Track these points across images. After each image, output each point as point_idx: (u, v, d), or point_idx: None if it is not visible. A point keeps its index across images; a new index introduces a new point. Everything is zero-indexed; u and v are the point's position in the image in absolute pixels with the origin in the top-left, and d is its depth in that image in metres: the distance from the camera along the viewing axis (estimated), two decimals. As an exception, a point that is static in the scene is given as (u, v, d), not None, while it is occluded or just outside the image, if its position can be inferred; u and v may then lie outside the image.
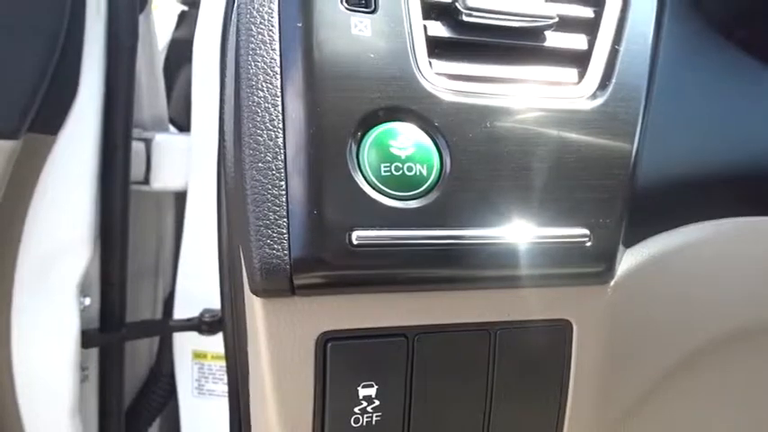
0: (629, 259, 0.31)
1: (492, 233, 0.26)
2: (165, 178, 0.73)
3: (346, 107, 0.25)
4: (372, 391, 0.26)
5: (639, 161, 0.30)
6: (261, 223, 0.24)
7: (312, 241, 0.24)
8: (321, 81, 0.25)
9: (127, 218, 0.68)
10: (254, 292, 0.24)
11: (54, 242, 0.60)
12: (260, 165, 0.24)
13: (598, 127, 0.29)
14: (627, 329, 0.30)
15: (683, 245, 0.32)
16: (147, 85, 0.72)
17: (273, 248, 0.24)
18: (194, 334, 0.73)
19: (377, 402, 0.26)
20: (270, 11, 0.26)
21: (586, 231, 0.28)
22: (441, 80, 0.28)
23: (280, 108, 0.25)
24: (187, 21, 0.80)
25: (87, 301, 0.65)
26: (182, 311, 0.74)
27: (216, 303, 0.72)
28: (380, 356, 0.26)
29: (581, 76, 0.31)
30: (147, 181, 0.73)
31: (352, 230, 0.24)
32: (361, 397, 0.26)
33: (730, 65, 0.36)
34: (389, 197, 0.25)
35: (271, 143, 0.24)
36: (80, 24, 0.58)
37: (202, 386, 0.76)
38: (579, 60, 0.31)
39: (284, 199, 0.24)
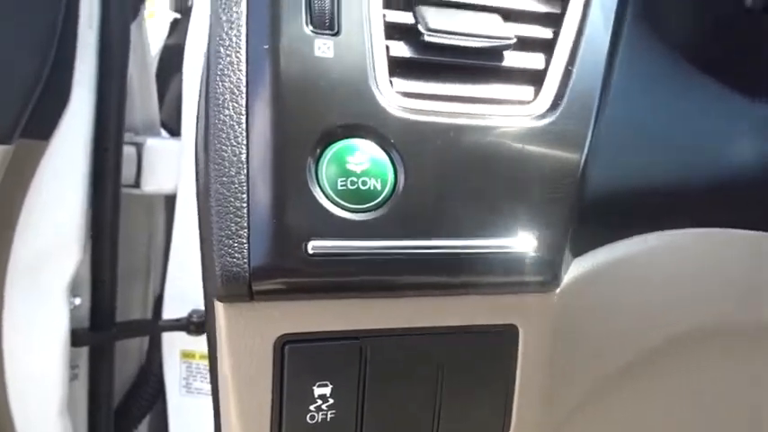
0: (576, 268, 0.33)
1: (441, 243, 0.28)
2: (155, 181, 0.75)
3: (306, 125, 0.27)
4: (327, 391, 0.28)
5: (588, 176, 0.32)
6: (223, 234, 0.26)
7: (270, 251, 0.26)
8: (283, 101, 0.27)
9: (117, 220, 0.70)
10: (217, 297, 0.26)
11: (45, 244, 0.62)
12: (224, 179, 0.26)
13: (547, 144, 0.31)
14: (572, 334, 0.32)
15: (628, 255, 0.34)
16: (139, 90, 0.74)
17: (234, 257, 0.25)
18: (183, 334, 0.74)
19: (331, 401, 0.28)
20: (238, 33, 0.28)
21: (533, 242, 0.30)
22: (400, 99, 0.30)
23: (244, 126, 0.27)
24: (179, 28, 0.82)
25: (78, 300, 0.67)
26: (171, 312, 0.76)
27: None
28: (335, 358, 0.28)
29: (536, 94, 0.33)
30: (138, 184, 0.75)
31: (309, 241, 0.26)
32: (316, 396, 0.28)
33: (682, 82, 0.38)
34: (345, 210, 0.27)
35: (234, 158, 0.26)
36: (73, 35, 0.60)
37: (190, 385, 0.78)
38: (535, 79, 0.33)
39: (245, 211, 0.26)
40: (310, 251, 0.26)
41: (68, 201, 0.63)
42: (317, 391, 0.28)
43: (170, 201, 0.78)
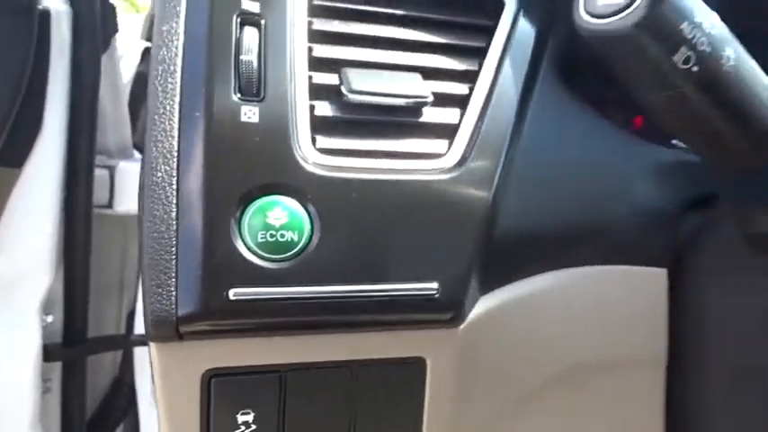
0: (483, 304, 0.36)
1: (353, 288, 0.32)
2: (127, 202, 0.79)
3: (230, 186, 0.31)
4: (250, 418, 0.32)
5: (495, 221, 0.36)
6: (153, 283, 0.29)
7: (195, 299, 0.29)
8: (210, 164, 0.31)
9: (89, 241, 0.73)
10: (148, 338, 0.30)
11: (19, 266, 0.65)
12: (155, 234, 0.30)
13: (454, 194, 0.35)
14: (478, 364, 0.36)
15: (532, 291, 0.38)
16: (112, 116, 0.78)
17: (162, 304, 0.29)
18: (153, 348, 0.78)
19: (254, 427, 0.32)
20: (172, 103, 0.32)
21: (435, 285, 0.33)
22: (320, 156, 0.34)
23: (175, 187, 0.30)
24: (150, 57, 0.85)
25: (50, 318, 0.71)
26: (143, 327, 0.79)
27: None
28: (257, 389, 0.31)
29: (449, 147, 0.37)
30: (110, 205, 0.79)
31: (230, 288, 0.30)
32: (239, 422, 0.31)
33: (589, 129, 0.42)
34: (264, 260, 0.31)
35: (165, 216, 0.30)
36: (44, 66, 0.64)
37: (161, 397, 0.81)
38: (450, 133, 0.37)
39: (174, 263, 0.30)
40: (232, 298, 0.30)
41: (41, 225, 0.67)
42: (241, 418, 0.31)
43: (142, 220, 0.81)
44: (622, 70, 0.27)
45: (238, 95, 0.32)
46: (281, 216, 0.31)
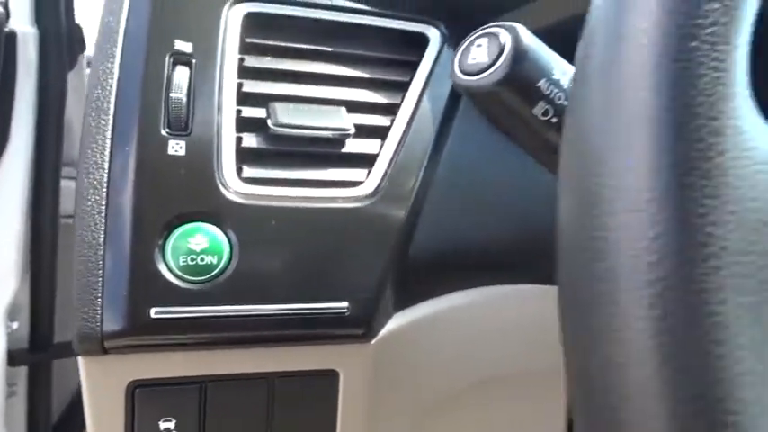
0: (396, 320, 0.40)
1: (269, 307, 0.35)
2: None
3: (155, 215, 0.34)
4: (171, 425, 0.35)
5: (408, 245, 0.39)
6: (80, 303, 0.32)
7: (118, 317, 0.33)
8: (136, 194, 0.34)
9: (56, 250, 0.76)
10: (76, 352, 0.33)
11: (-17, 275, 0.68)
12: (82, 258, 0.33)
13: (368, 220, 0.38)
14: (390, 378, 0.39)
15: (445, 309, 0.41)
16: (78, 130, 0.81)
17: (89, 322, 0.32)
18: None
19: (176, 432, 0.35)
20: (103, 138, 0.35)
21: (345, 304, 0.37)
22: (244, 185, 0.37)
23: (103, 215, 0.34)
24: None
25: (15, 324, 0.74)
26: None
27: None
28: (178, 399, 0.35)
29: (368, 175, 0.40)
30: (78, 215, 0.81)
31: (152, 307, 0.33)
32: (162, 429, 0.34)
33: (510, 150, 0.45)
34: (185, 281, 0.34)
35: (93, 242, 0.33)
36: (11, 83, 0.67)
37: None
38: (369, 163, 0.40)
39: (100, 284, 0.33)
40: (153, 316, 0.33)
41: (8, 233, 0.69)
42: (163, 425, 0.34)
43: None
44: (495, 120, 0.31)
45: (167, 130, 0.35)
46: (202, 241, 0.34)
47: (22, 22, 0.66)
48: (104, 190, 0.34)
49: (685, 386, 0.13)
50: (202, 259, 0.34)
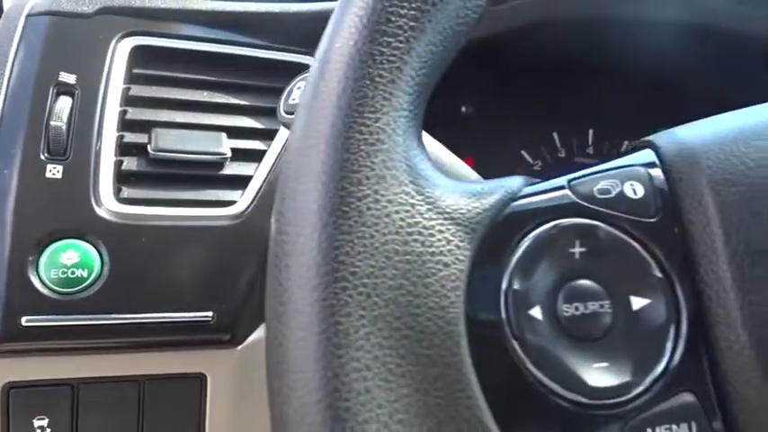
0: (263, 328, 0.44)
1: (136, 316, 0.39)
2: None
3: (29, 232, 0.37)
4: (45, 422, 0.38)
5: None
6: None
7: (-8, 324, 0.36)
8: (13, 213, 0.37)
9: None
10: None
11: None
12: (-38, 271, 0.36)
13: (236, 237, 0.42)
14: (255, 383, 0.43)
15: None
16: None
17: (-35, 328, 0.36)
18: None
19: (49, 430, 0.38)
20: (-15, 161, 0.38)
21: (210, 314, 0.40)
22: (121, 206, 0.40)
23: (-18, 232, 0.37)
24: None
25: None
26: None
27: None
28: (51, 399, 0.38)
29: (242, 195, 0.44)
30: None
31: (23, 316, 0.37)
32: (36, 426, 0.38)
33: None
34: (56, 293, 0.37)
35: (-30, 256, 0.37)
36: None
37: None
38: (245, 184, 0.44)
39: (-23, 295, 0.36)
40: (24, 324, 0.36)
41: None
42: (37, 422, 0.38)
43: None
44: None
45: (46, 155, 0.39)
46: (73, 256, 0.38)
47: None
48: (-16, 210, 0.37)
49: (311, 380, 0.17)
50: (73, 273, 0.38)
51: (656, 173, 0.23)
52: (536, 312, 0.20)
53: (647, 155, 0.24)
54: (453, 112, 0.57)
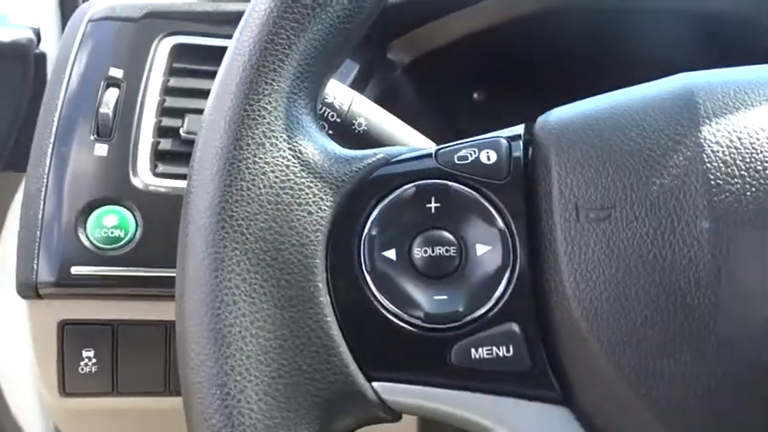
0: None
1: (165, 270, 0.47)
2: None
3: (79, 198, 0.46)
4: (91, 353, 0.47)
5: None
6: (21, 260, 0.45)
7: (48, 271, 0.45)
8: (67, 183, 0.46)
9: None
10: (20, 296, 0.46)
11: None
12: (24, 230, 0.46)
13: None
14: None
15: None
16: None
17: (27, 274, 0.45)
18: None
19: (94, 360, 0.47)
20: (48, 141, 0.48)
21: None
22: (157, 179, 0.48)
23: (42, 197, 0.46)
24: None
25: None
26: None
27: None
28: (96, 335, 0.47)
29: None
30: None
31: (72, 266, 0.45)
32: (84, 356, 0.47)
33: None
34: (99, 249, 0.46)
35: (33, 217, 0.46)
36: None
37: None
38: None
39: (36, 246, 0.45)
40: (73, 272, 0.45)
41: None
42: (85, 353, 0.47)
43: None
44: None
45: (95, 136, 0.48)
46: (113, 220, 0.47)
47: (52, 45, 0.81)
48: (44, 178, 0.47)
49: (195, 291, 0.23)
50: (112, 233, 0.46)
51: (517, 143, 0.27)
52: (390, 254, 0.25)
53: (518, 129, 0.28)
54: (466, 99, 0.61)
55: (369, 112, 0.39)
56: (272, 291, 0.24)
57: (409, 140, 0.39)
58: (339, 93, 0.39)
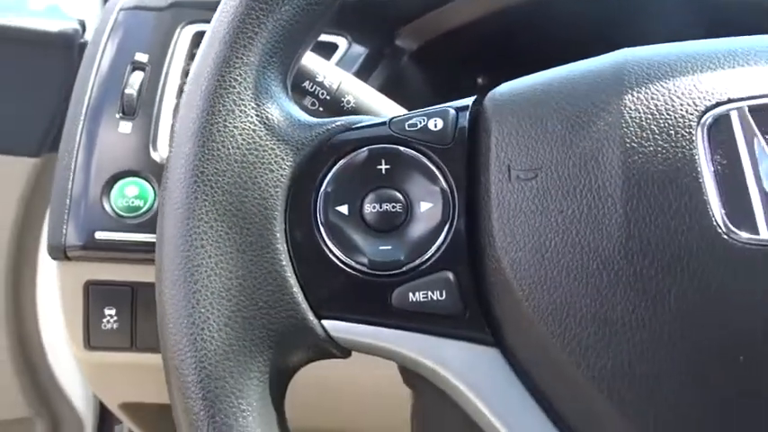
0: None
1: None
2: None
3: (105, 170, 0.51)
4: (113, 311, 0.52)
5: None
6: (52, 225, 0.50)
7: (75, 235, 0.50)
8: (95, 157, 0.51)
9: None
10: (51, 256, 0.51)
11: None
12: (57, 197, 0.51)
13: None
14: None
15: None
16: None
17: (57, 239, 0.50)
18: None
19: (116, 317, 0.52)
20: (79, 118, 0.52)
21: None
22: (174, 153, 0.53)
23: (72, 169, 0.51)
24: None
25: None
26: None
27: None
28: (117, 295, 0.52)
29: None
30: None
31: (96, 232, 0.50)
32: (106, 314, 0.52)
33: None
34: (121, 216, 0.51)
35: (64, 185, 0.51)
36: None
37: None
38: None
39: (66, 213, 0.50)
40: (97, 237, 0.50)
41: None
42: (107, 311, 0.52)
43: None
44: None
45: (120, 115, 0.53)
46: (135, 190, 0.51)
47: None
48: (75, 152, 0.52)
49: (171, 236, 0.27)
50: (133, 202, 0.51)
51: (464, 114, 0.30)
52: (343, 209, 0.29)
53: (468, 100, 0.31)
54: (470, 84, 0.64)
55: (357, 91, 0.42)
56: (235, 237, 0.27)
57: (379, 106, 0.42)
58: (330, 73, 0.42)
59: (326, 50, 0.58)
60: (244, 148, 0.28)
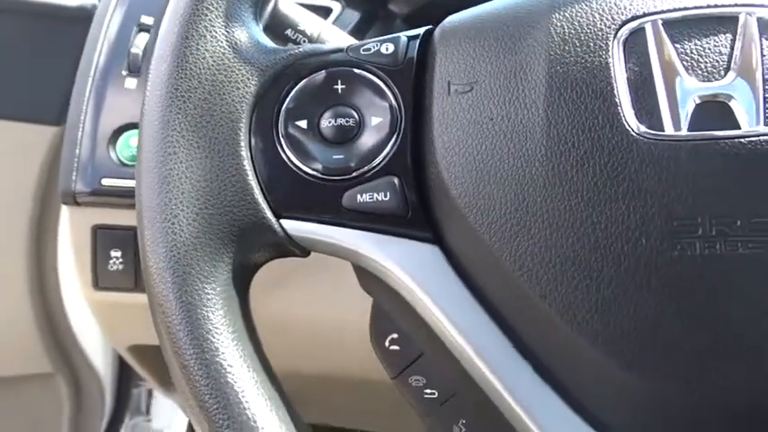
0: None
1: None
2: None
3: (110, 122, 0.55)
4: (119, 254, 0.56)
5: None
6: (63, 173, 0.54)
7: (83, 182, 0.54)
8: (104, 112, 0.55)
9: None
10: (63, 202, 0.55)
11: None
12: (67, 146, 0.55)
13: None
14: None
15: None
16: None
17: (67, 185, 0.54)
18: None
19: (122, 259, 0.56)
20: (88, 75, 0.57)
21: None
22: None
23: (82, 120, 0.55)
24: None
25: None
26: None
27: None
28: (122, 238, 0.56)
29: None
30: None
31: (103, 178, 0.54)
32: (112, 255, 0.56)
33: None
34: (125, 165, 0.55)
35: (73, 137, 0.55)
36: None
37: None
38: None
39: (75, 162, 0.54)
40: (103, 184, 0.54)
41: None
42: (113, 253, 0.56)
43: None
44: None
45: (126, 72, 0.57)
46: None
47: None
48: (84, 106, 0.56)
49: (151, 149, 0.31)
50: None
51: (414, 42, 0.33)
52: (302, 123, 0.32)
53: (420, 30, 0.34)
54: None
55: (336, 38, 0.46)
56: (204, 145, 0.31)
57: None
58: (311, 22, 0.45)
59: (321, 14, 0.61)
60: (214, 69, 0.32)
